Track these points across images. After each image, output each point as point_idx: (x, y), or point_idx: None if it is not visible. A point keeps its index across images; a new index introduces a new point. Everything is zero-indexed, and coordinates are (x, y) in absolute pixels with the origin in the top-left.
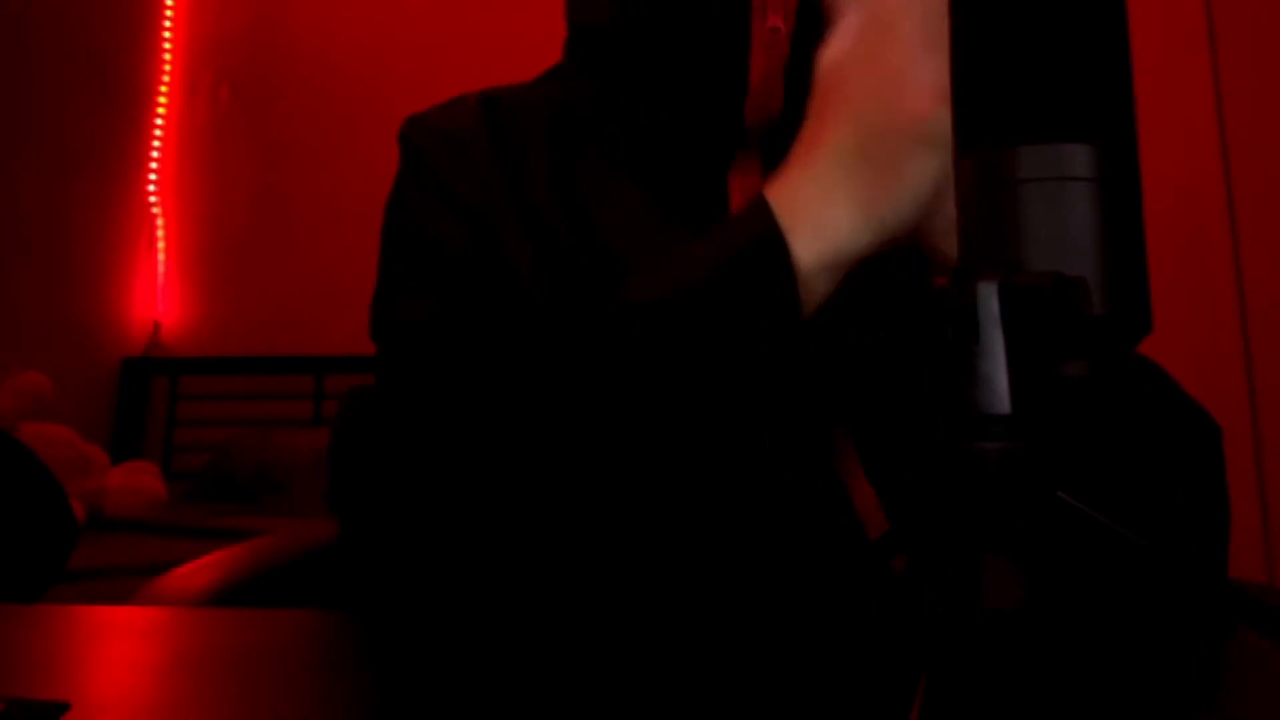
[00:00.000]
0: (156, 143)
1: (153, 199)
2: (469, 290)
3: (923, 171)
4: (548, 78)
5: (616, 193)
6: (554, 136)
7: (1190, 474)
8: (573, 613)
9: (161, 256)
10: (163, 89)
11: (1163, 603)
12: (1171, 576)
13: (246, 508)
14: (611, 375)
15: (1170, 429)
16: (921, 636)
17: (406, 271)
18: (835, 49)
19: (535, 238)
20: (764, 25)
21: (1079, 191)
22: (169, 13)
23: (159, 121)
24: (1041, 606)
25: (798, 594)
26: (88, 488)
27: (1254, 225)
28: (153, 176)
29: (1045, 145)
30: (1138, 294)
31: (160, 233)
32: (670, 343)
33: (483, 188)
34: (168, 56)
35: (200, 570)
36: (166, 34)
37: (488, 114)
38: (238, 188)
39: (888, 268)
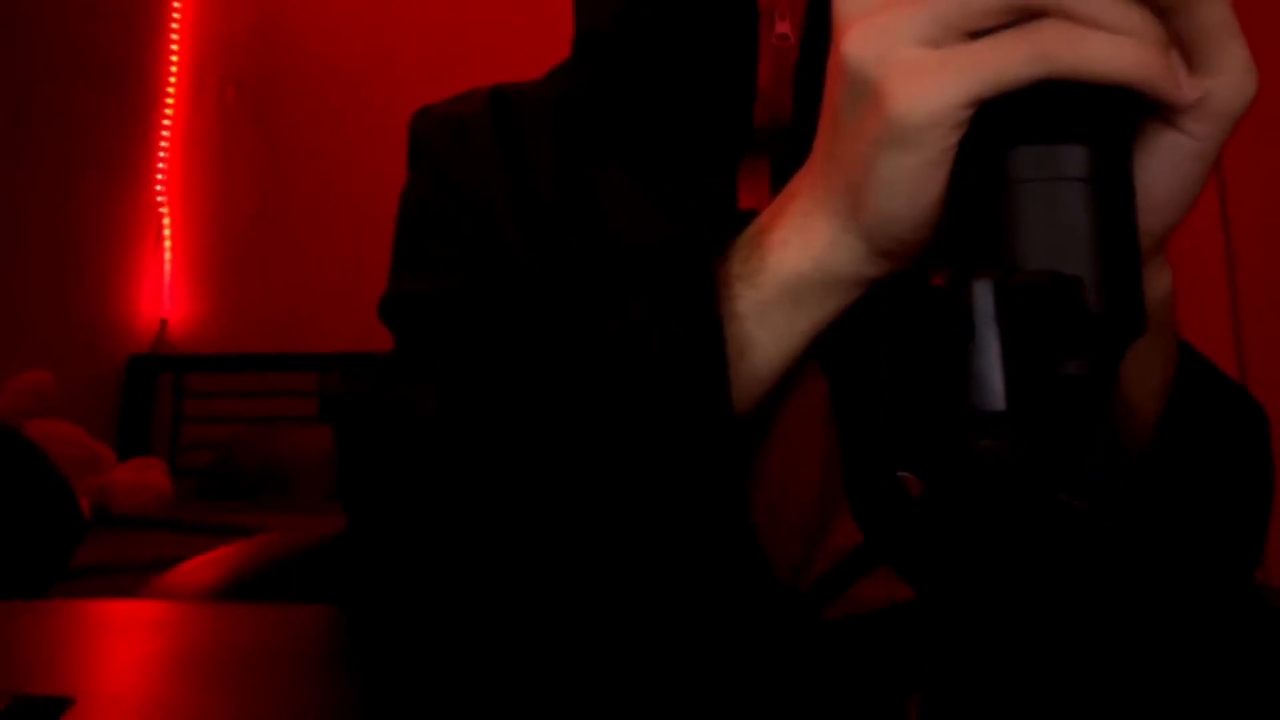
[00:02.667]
0: (163, 142)
1: (160, 197)
2: (469, 273)
3: (898, 169)
4: (557, 74)
5: (623, 192)
6: (561, 132)
7: (1227, 458)
8: (544, 613)
9: (168, 254)
10: (170, 89)
11: (1163, 602)
12: (1173, 577)
13: (252, 504)
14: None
15: (1218, 416)
16: (920, 636)
17: (411, 254)
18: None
19: (536, 230)
20: (772, 32)
21: (1074, 191)
22: (176, 14)
23: (166, 121)
24: (1039, 605)
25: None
26: (94, 484)
27: (1248, 225)
28: (159, 175)
29: (1041, 146)
30: (1132, 293)
31: (167, 231)
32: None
33: (484, 177)
34: (174, 57)
35: (205, 566)
36: (173, 35)
37: (496, 105)
38: (244, 186)
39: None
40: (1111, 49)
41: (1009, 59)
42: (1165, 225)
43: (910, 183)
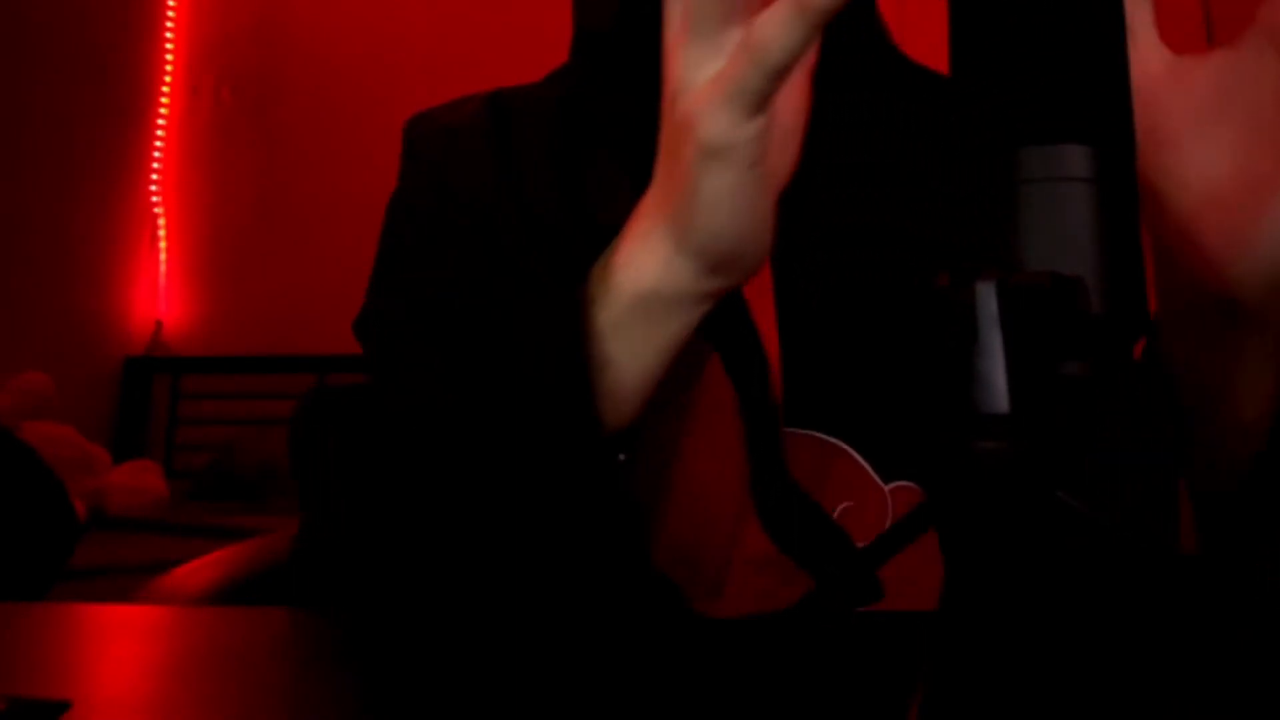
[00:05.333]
0: (158, 143)
1: (154, 198)
2: (459, 280)
3: (714, 186)
4: (554, 78)
5: (621, 195)
6: (559, 136)
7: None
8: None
9: (163, 256)
10: (164, 89)
11: (1162, 601)
12: (1172, 575)
13: (248, 506)
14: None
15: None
16: (921, 637)
17: (394, 267)
18: None
19: (533, 235)
20: None
21: (1077, 192)
22: (170, 14)
23: (161, 122)
24: (1041, 606)
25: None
26: (90, 486)
27: None
28: (154, 176)
29: (1043, 146)
30: (1135, 294)
31: (162, 232)
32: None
33: (481, 184)
34: (169, 57)
35: (201, 569)
36: (168, 35)
37: (492, 112)
38: (239, 187)
39: (883, 268)
40: None
41: (773, 32)
42: None
43: (729, 197)
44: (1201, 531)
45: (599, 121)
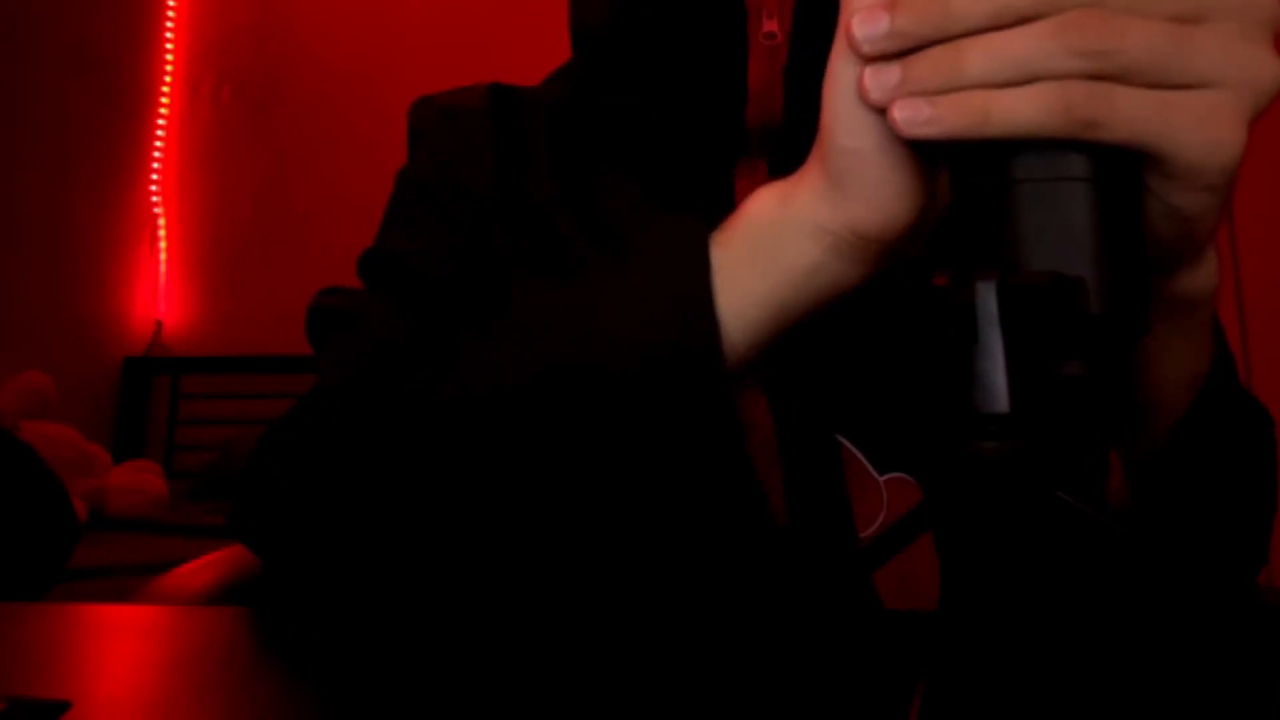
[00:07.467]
0: (158, 143)
1: (154, 199)
2: (455, 256)
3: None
4: (555, 78)
5: (620, 192)
6: (559, 132)
7: (1242, 463)
8: (524, 609)
9: (163, 256)
10: (164, 89)
11: (1163, 602)
12: (1174, 576)
13: None
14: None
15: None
16: (920, 639)
17: (401, 222)
18: None
19: (529, 225)
20: (760, 31)
21: (1075, 192)
22: (171, 13)
23: (161, 122)
24: (1041, 606)
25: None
26: (90, 487)
27: (1251, 223)
28: (154, 176)
29: (1043, 146)
30: (1136, 294)
31: (162, 232)
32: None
33: (480, 169)
34: (169, 57)
35: (201, 569)
36: (168, 35)
37: (495, 101)
38: (239, 187)
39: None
40: None
41: None
42: (1185, 245)
43: (860, 116)
44: (1133, 497)
45: (599, 122)
